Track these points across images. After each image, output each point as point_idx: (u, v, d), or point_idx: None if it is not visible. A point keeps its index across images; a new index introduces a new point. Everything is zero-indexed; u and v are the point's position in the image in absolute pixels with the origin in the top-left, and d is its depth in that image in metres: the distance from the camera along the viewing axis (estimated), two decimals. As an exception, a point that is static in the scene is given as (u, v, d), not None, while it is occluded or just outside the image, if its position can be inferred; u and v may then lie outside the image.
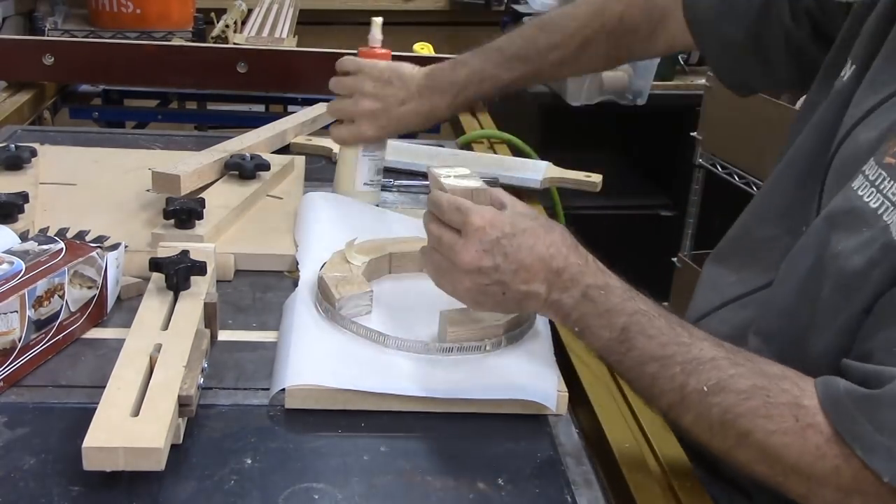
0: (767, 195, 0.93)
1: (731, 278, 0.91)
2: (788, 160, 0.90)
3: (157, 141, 1.36)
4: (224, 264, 0.96)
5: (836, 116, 0.82)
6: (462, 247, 0.74)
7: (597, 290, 0.73)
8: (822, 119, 0.86)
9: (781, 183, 0.91)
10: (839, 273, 0.71)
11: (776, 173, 0.92)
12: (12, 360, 0.74)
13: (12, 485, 0.64)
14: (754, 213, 0.94)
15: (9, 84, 1.56)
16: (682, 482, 0.72)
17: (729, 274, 0.92)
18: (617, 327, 0.72)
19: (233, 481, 0.67)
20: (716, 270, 0.96)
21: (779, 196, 0.90)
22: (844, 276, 0.70)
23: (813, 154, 0.85)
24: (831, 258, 0.72)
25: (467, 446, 0.74)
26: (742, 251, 0.93)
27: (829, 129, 0.82)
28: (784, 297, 0.78)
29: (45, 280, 0.75)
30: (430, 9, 3.17)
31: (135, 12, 2.25)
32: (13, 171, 1.11)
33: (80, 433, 0.63)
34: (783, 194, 0.89)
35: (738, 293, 0.89)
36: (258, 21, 2.12)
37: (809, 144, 0.87)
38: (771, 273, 0.84)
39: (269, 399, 0.76)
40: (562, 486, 0.70)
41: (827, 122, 0.84)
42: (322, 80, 1.12)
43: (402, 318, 0.85)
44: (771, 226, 0.88)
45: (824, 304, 0.72)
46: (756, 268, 0.88)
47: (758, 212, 0.94)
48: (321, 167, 1.19)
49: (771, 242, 0.87)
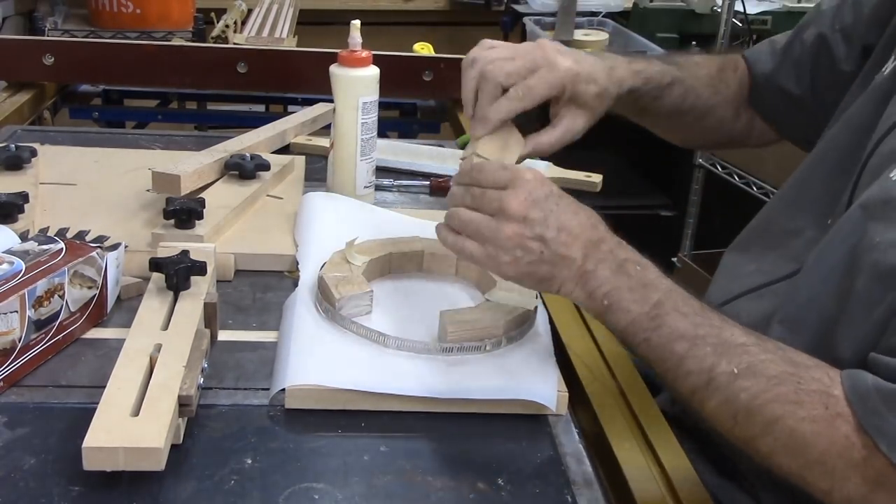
0: (795, 186, 0.92)
1: (750, 268, 0.90)
2: (820, 152, 0.89)
3: (157, 141, 1.36)
4: (224, 264, 0.96)
5: (875, 111, 0.81)
6: (510, 195, 0.73)
7: (633, 265, 0.73)
8: (859, 112, 0.85)
9: (811, 175, 0.90)
10: (876, 265, 0.70)
11: (806, 164, 0.91)
12: (12, 360, 0.74)
13: (12, 485, 0.64)
14: (779, 205, 0.93)
15: (9, 84, 1.56)
16: (682, 482, 0.72)
17: (747, 263, 0.91)
18: (650, 302, 0.71)
19: (233, 481, 0.67)
20: (734, 260, 0.95)
21: (807, 188, 0.89)
22: (883, 269, 0.69)
23: (847, 148, 0.84)
24: (867, 249, 0.71)
25: (467, 446, 0.74)
26: (763, 241, 0.92)
27: (866, 123, 0.82)
28: (812, 287, 0.77)
29: (45, 280, 0.75)
30: (430, 9, 3.17)
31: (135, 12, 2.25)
32: (13, 171, 1.11)
33: (80, 433, 0.63)
34: (812, 187, 0.88)
35: (758, 283, 0.88)
36: (258, 21, 2.12)
37: (843, 138, 0.86)
38: (793, 264, 0.83)
39: (269, 399, 0.76)
40: (562, 486, 0.70)
41: (864, 116, 0.83)
42: (322, 80, 1.12)
43: (402, 318, 0.85)
44: (796, 217, 0.87)
45: (859, 297, 0.71)
46: (777, 258, 0.87)
47: (783, 203, 0.93)
48: (321, 167, 1.19)
49: (794, 234, 0.86)
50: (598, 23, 2.56)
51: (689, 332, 0.69)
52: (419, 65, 1.61)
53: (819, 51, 0.96)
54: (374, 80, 1.09)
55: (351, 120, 1.09)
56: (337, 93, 1.09)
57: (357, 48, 1.07)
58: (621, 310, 0.72)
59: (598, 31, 2.51)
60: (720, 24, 2.44)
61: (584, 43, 2.44)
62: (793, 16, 2.74)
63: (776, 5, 2.76)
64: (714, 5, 2.57)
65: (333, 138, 1.11)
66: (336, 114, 1.10)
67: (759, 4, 2.73)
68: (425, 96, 1.73)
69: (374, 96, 1.09)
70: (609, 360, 0.88)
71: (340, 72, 1.08)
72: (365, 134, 1.10)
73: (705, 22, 2.57)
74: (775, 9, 2.74)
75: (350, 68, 1.08)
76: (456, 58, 1.63)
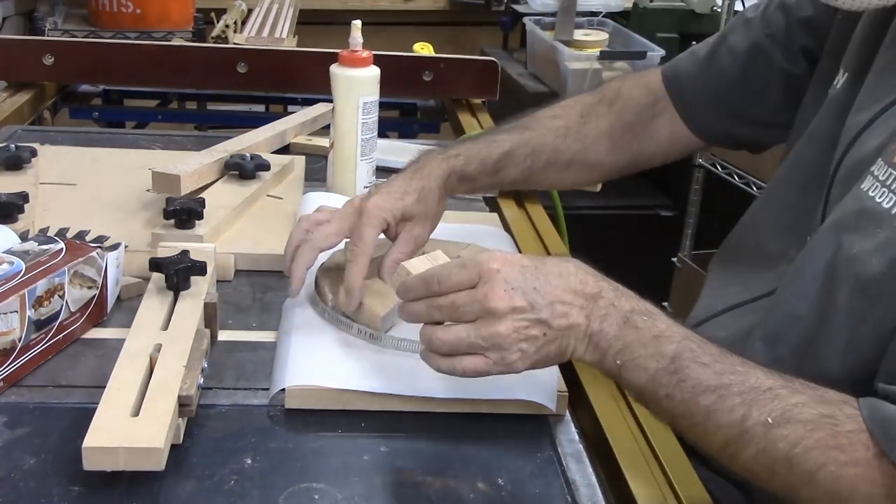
0: (770, 204, 0.92)
1: (735, 287, 0.90)
2: (788, 170, 0.90)
3: (157, 141, 1.36)
4: (224, 264, 0.96)
5: (835, 125, 0.81)
6: (487, 293, 0.67)
7: (640, 316, 0.68)
8: (820, 128, 0.85)
9: (783, 193, 0.90)
10: (857, 277, 0.69)
11: (776, 182, 0.92)
12: (12, 360, 0.74)
13: (12, 485, 0.64)
14: (758, 224, 0.93)
15: (9, 84, 1.56)
16: (682, 482, 0.72)
17: (733, 282, 0.91)
18: (667, 355, 0.66)
19: (233, 481, 0.67)
20: (719, 278, 0.95)
21: (782, 207, 0.89)
22: (864, 280, 0.68)
23: (813, 164, 0.84)
24: (846, 261, 0.70)
25: (467, 446, 0.74)
26: (747, 261, 0.92)
27: (828, 138, 0.82)
28: (789, 303, 0.77)
29: (45, 280, 0.75)
30: (430, 9, 3.17)
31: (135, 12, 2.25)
32: (13, 171, 1.11)
33: (80, 433, 0.63)
34: (786, 205, 0.88)
35: (741, 300, 0.88)
36: (258, 21, 2.12)
37: (809, 154, 0.86)
38: (774, 283, 0.83)
39: (269, 399, 0.76)
40: (562, 486, 0.70)
41: (825, 132, 0.83)
42: (322, 80, 1.12)
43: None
44: (778, 240, 0.87)
45: (841, 311, 0.70)
46: (761, 277, 0.87)
47: (762, 223, 0.93)
48: (321, 167, 1.19)
49: (778, 255, 0.86)
50: (598, 23, 2.56)
51: (713, 383, 0.65)
52: (419, 65, 1.61)
53: (754, 55, 0.96)
54: (374, 80, 1.09)
55: (351, 120, 1.09)
56: (337, 93, 1.09)
57: (358, 48, 1.07)
58: (637, 368, 0.67)
59: (598, 31, 2.51)
60: (720, 24, 2.44)
61: (584, 43, 2.44)
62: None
63: (776, 5, 2.75)
64: (714, 5, 2.57)
65: (333, 138, 1.11)
66: (336, 114, 1.10)
67: (759, 4, 2.73)
68: (425, 96, 1.73)
69: (374, 96, 1.09)
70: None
71: (341, 72, 1.08)
72: (365, 134, 1.10)
73: (705, 22, 2.57)
74: (775, 9, 2.74)
75: (351, 68, 1.08)
76: (456, 58, 1.64)
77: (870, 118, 0.76)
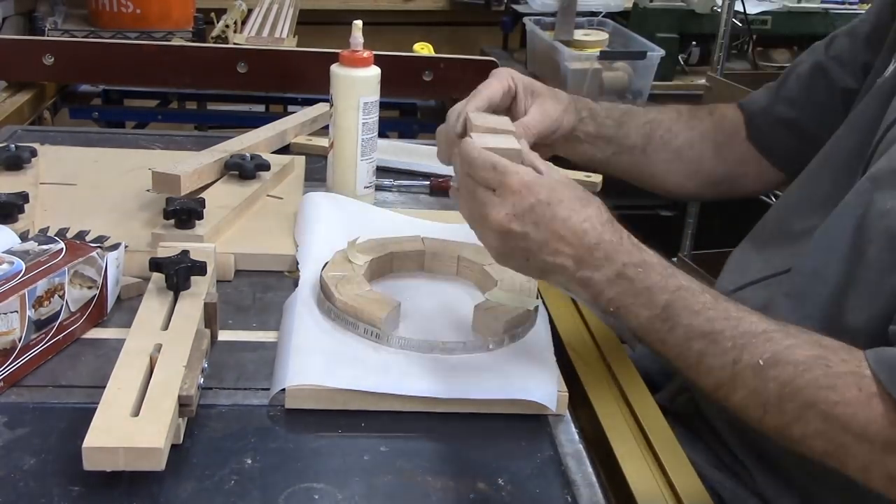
0: (804, 187, 0.92)
1: (758, 262, 0.90)
2: (826, 154, 0.90)
3: (157, 141, 1.36)
4: (224, 264, 0.96)
5: (878, 111, 0.81)
6: (493, 206, 0.70)
7: (634, 268, 0.71)
8: (863, 115, 0.85)
9: (819, 175, 0.90)
10: (888, 231, 0.69)
11: (813, 166, 0.92)
12: (12, 360, 0.74)
13: (12, 485, 0.64)
14: (789, 204, 0.94)
15: (9, 84, 1.56)
16: (682, 482, 0.72)
17: (756, 259, 0.91)
18: (658, 304, 0.69)
19: (233, 481, 0.67)
20: (744, 254, 0.95)
21: (816, 188, 0.89)
22: (894, 234, 0.69)
23: (852, 148, 0.84)
24: (878, 217, 0.71)
25: (467, 446, 0.74)
26: (774, 240, 0.92)
27: (870, 124, 0.82)
28: (818, 259, 0.77)
29: (45, 280, 0.75)
30: (430, 9, 3.16)
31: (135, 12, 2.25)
32: (13, 171, 1.11)
33: (80, 433, 0.63)
34: (818, 187, 0.88)
35: (763, 274, 0.88)
36: (258, 21, 2.12)
37: (849, 139, 0.86)
38: None
39: (269, 399, 0.76)
40: (562, 486, 0.70)
41: (868, 117, 0.84)
42: (322, 80, 1.12)
43: (403, 318, 0.85)
44: (806, 217, 0.88)
45: (870, 265, 0.71)
46: (783, 254, 0.87)
47: (793, 203, 0.93)
48: (321, 167, 1.18)
49: (805, 232, 0.86)
50: (598, 23, 2.56)
51: (704, 329, 0.68)
52: (419, 65, 1.61)
53: (815, 77, 0.98)
54: (375, 80, 1.09)
55: (352, 120, 1.09)
56: (338, 93, 1.09)
57: (359, 48, 1.07)
58: (629, 314, 0.71)
59: (598, 31, 2.51)
60: (720, 24, 2.44)
61: (584, 43, 2.44)
62: (793, 16, 2.74)
63: (776, 5, 2.76)
64: (714, 5, 2.57)
65: (333, 138, 1.11)
66: (337, 113, 1.10)
67: (759, 4, 2.73)
68: (425, 96, 1.73)
69: (374, 96, 1.09)
70: (609, 360, 0.88)
71: (342, 72, 1.08)
72: (366, 134, 1.10)
73: (705, 22, 2.57)
74: (775, 9, 2.74)
75: (352, 68, 1.08)
76: (456, 58, 1.64)
77: None
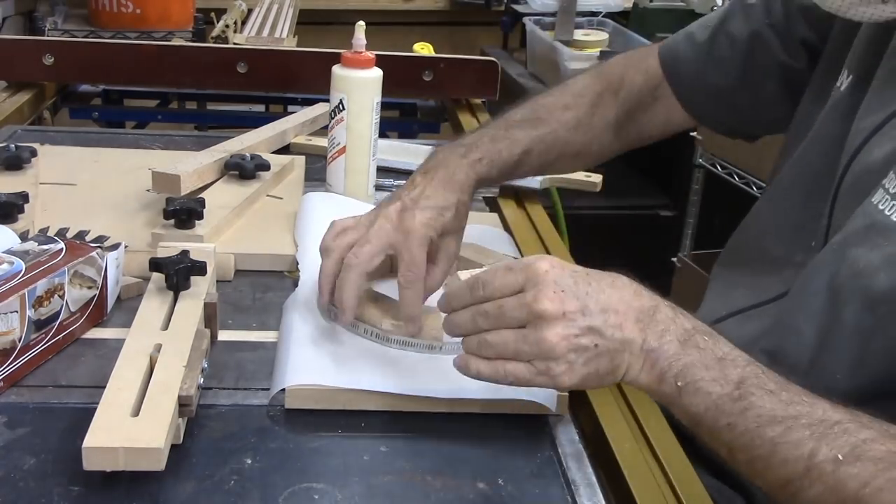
0: (774, 207, 0.92)
1: (741, 290, 0.90)
2: (793, 172, 0.89)
3: (157, 141, 1.36)
4: (224, 264, 0.96)
5: (840, 129, 0.80)
6: (536, 295, 0.63)
7: (701, 336, 0.63)
8: (824, 132, 0.84)
9: (787, 196, 0.89)
10: (864, 292, 0.68)
11: (780, 183, 0.91)
12: (12, 360, 0.74)
13: (12, 485, 0.64)
14: (763, 227, 0.93)
15: (9, 84, 1.56)
16: (682, 482, 0.72)
17: (736, 285, 0.91)
18: (732, 380, 0.62)
19: (233, 481, 0.66)
20: (724, 280, 0.94)
21: (786, 210, 0.89)
22: (872, 296, 0.67)
23: (818, 168, 0.83)
24: (852, 277, 0.69)
25: (467, 446, 0.74)
26: (752, 265, 0.91)
27: (833, 142, 0.81)
28: (793, 317, 0.76)
29: (45, 280, 0.75)
30: (430, 9, 3.17)
31: (135, 12, 2.25)
32: (13, 171, 1.11)
33: (80, 433, 0.63)
34: (791, 210, 0.88)
35: (747, 304, 0.87)
36: (258, 21, 2.12)
37: (813, 158, 0.85)
38: (781, 287, 0.82)
39: (269, 399, 0.76)
40: (562, 486, 0.70)
41: (830, 136, 0.82)
42: (322, 80, 1.12)
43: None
44: (782, 244, 0.87)
45: (848, 327, 0.69)
46: (767, 282, 0.86)
47: (766, 226, 0.92)
48: (321, 167, 1.18)
49: (784, 260, 0.85)
50: (597, 23, 2.56)
51: (780, 414, 0.60)
52: (419, 65, 1.61)
53: (753, 46, 0.95)
54: (380, 80, 1.09)
55: (365, 121, 1.09)
56: (351, 95, 1.08)
57: (362, 49, 1.07)
58: (699, 392, 0.62)
59: (598, 31, 2.51)
60: (720, 24, 2.44)
61: (584, 43, 2.44)
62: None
63: (776, 5, 2.75)
64: (714, 5, 2.57)
65: (343, 141, 1.10)
66: (350, 116, 1.08)
67: (759, 4, 2.73)
68: (425, 96, 1.73)
69: (380, 97, 1.10)
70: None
71: (353, 73, 1.07)
72: (374, 134, 1.10)
73: (705, 22, 2.57)
74: (775, 9, 2.74)
75: (360, 69, 1.07)
76: (456, 58, 1.64)
77: (876, 125, 0.75)
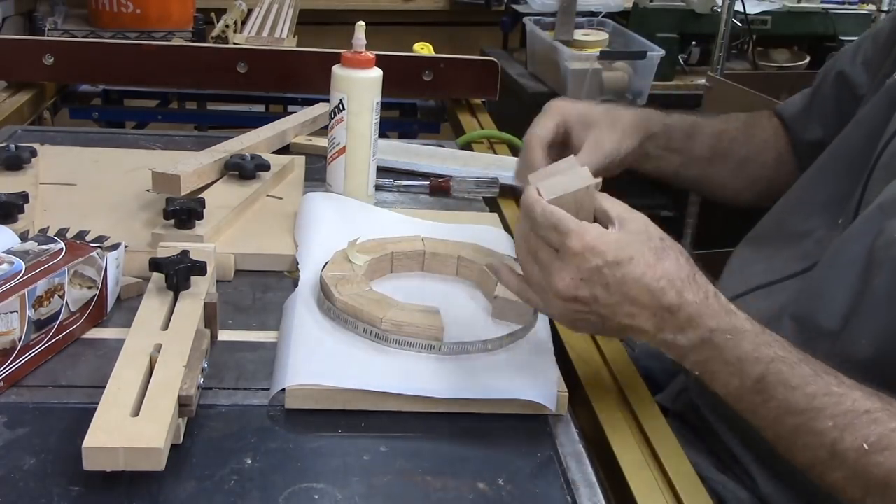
0: (806, 186, 0.92)
1: (760, 266, 0.90)
2: (831, 153, 0.90)
3: (157, 141, 1.36)
4: (224, 264, 0.96)
5: (886, 113, 0.81)
6: (557, 271, 0.67)
7: (722, 335, 0.66)
8: (870, 115, 0.85)
9: (822, 175, 0.90)
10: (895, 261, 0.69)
11: (817, 165, 0.92)
12: (12, 360, 0.74)
13: (12, 485, 0.64)
14: (790, 204, 0.93)
15: (9, 84, 1.56)
16: (682, 482, 0.72)
17: (758, 262, 0.91)
18: (751, 377, 0.64)
19: (233, 481, 0.67)
20: (745, 257, 0.95)
21: (818, 188, 0.89)
22: None
23: (858, 149, 0.84)
24: (886, 246, 0.71)
25: (467, 446, 0.74)
26: (774, 241, 0.92)
27: (877, 125, 0.82)
28: (825, 284, 0.77)
29: (45, 280, 0.75)
30: (430, 9, 3.17)
31: (135, 12, 2.25)
32: (13, 171, 1.11)
33: (80, 433, 0.63)
34: (823, 187, 0.88)
35: (767, 280, 0.87)
36: (258, 21, 2.12)
37: (854, 139, 0.86)
38: (803, 262, 0.83)
39: (269, 399, 0.76)
40: (562, 486, 0.70)
41: (875, 118, 0.84)
42: (322, 80, 1.12)
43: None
44: (807, 219, 0.87)
45: (878, 292, 0.70)
46: (787, 257, 0.87)
47: (795, 203, 0.93)
48: (321, 167, 1.18)
49: (805, 234, 0.86)
50: (598, 23, 2.56)
51: (801, 405, 0.63)
52: (419, 65, 1.61)
53: (840, 86, 0.98)
54: (380, 81, 1.09)
55: (366, 122, 1.09)
56: (351, 95, 1.08)
57: (362, 49, 1.07)
58: (717, 381, 0.66)
59: (598, 31, 2.51)
60: (720, 24, 2.44)
61: (584, 43, 2.44)
62: (793, 16, 2.74)
63: (776, 5, 2.76)
64: (714, 5, 2.57)
65: (343, 141, 1.10)
66: (351, 116, 1.08)
67: (759, 4, 2.74)
68: (425, 96, 1.73)
69: (380, 97, 1.10)
70: (609, 359, 0.88)
71: (353, 74, 1.07)
72: (374, 134, 1.10)
73: (705, 22, 2.57)
74: (775, 9, 2.74)
75: (361, 70, 1.07)
76: (456, 58, 1.64)
77: None
